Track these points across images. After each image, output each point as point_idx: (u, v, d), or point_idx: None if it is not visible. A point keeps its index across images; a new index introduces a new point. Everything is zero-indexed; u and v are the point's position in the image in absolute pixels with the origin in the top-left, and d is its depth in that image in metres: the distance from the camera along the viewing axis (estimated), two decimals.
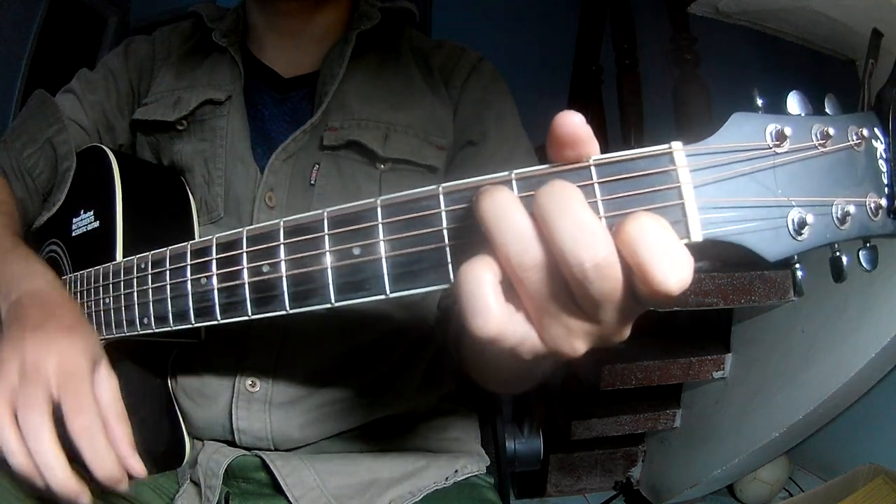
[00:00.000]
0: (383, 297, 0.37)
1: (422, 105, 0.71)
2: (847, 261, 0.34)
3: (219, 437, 0.67)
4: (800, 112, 0.33)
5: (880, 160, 0.35)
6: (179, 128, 0.70)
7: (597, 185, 0.32)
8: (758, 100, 0.32)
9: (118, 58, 0.78)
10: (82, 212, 0.65)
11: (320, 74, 0.70)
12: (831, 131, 0.32)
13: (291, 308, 0.41)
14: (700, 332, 1.64)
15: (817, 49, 1.27)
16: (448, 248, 0.35)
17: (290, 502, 0.62)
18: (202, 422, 0.66)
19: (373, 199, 0.37)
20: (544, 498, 1.72)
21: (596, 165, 0.32)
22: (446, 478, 0.69)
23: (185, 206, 0.68)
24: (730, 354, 1.52)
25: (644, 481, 1.75)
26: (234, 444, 0.66)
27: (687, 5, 1.33)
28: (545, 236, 0.30)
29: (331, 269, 0.38)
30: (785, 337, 1.39)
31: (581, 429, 1.59)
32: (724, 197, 0.31)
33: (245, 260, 0.43)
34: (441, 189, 0.35)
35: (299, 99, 0.72)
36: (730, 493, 1.63)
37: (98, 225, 0.63)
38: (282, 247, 0.41)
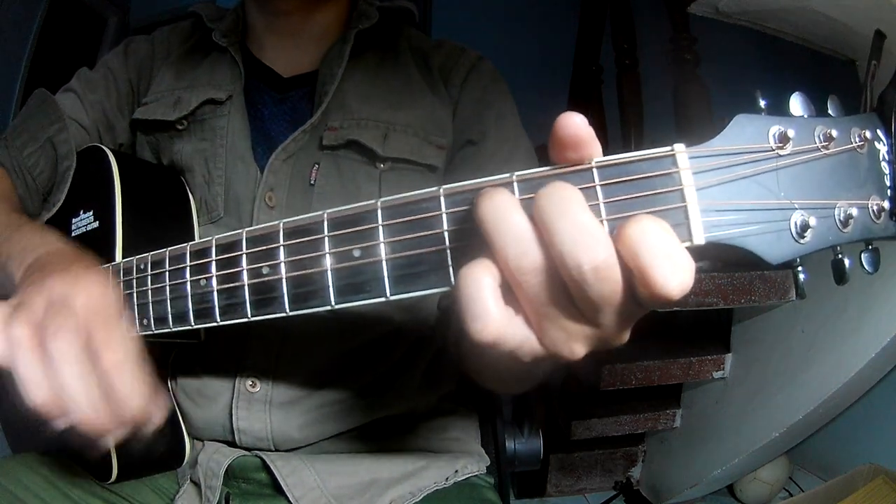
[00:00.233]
0: (383, 299, 0.36)
1: (421, 104, 0.71)
2: (849, 263, 0.34)
3: (219, 437, 0.66)
4: (803, 113, 0.33)
5: (883, 162, 0.34)
6: (179, 127, 0.70)
7: (599, 188, 0.31)
8: (760, 101, 0.32)
9: (118, 57, 0.78)
10: (82, 212, 0.65)
11: (319, 74, 0.70)
12: (834, 133, 0.32)
13: (291, 310, 0.40)
14: (700, 332, 1.64)
15: (817, 49, 1.27)
16: (449, 250, 0.34)
17: (291, 502, 0.62)
18: (202, 422, 0.66)
19: (373, 200, 0.37)
20: (544, 498, 1.72)
21: (598, 167, 0.31)
22: (446, 478, 0.69)
23: (184, 205, 0.68)
24: (730, 354, 1.52)
25: (644, 481, 1.75)
26: (234, 444, 0.66)
27: (687, 5, 1.33)
28: (544, 239, 0.29)
29: (331, 271, 0.38)
30: (785, 337, 1.39)
31: (581, 429, 1.59)
32: (727, 199, 0.31)
33: (245, 261, 0.42)
34: (442, 191, 0.35)
35: (299, 98, 0.72)
36: (730, 493, 1.64)
37: (97, 225, 0.63)
38: (281, 248, 0.40)
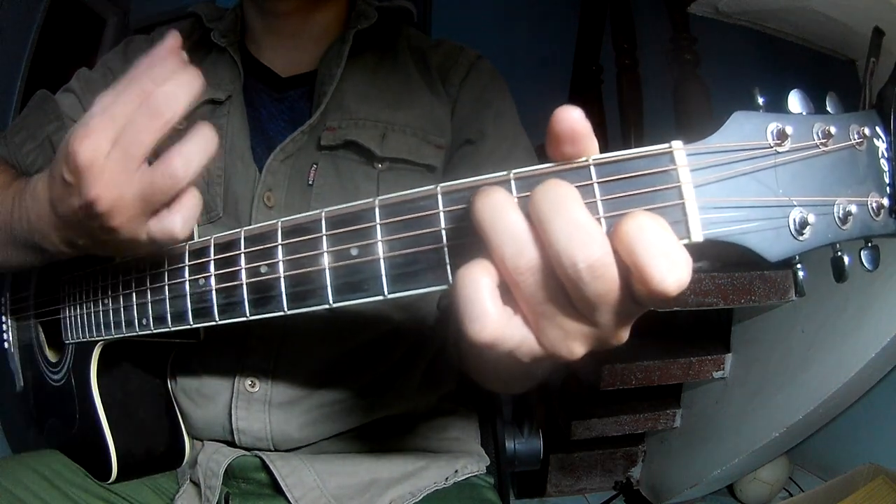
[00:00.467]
0: (381, 297, 0.36)
1: (420, 104, 0.71)
2: (849, 261, 0.34)
3: (218, 437, 0.66)
4: (801, 111, 0.33)
5: (882, 159, 0.34)
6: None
7: (596, 185, 0.31)
8: (759, 98, 0.32)
9: (118, 57, 0.78)
10: None
11: (318, 74, 0.70)
12: (833, 130, 0.32)
13: (289, 309, 0.40)
14: (700, 332, 1.64)
15: (817, 49, 1.27)
16: (446, 248, 0.34)
17: (290, 502, 0.62)
18: (202, 422, 0.66)
19: (371, 199, 0.37)
20: (544, 498, 1.72)
21: (595, 165, 0.31)
22: (446, 478, 0.69)
23: None
24: (730, 354, 1.52)
25: (644, 481, 1.75)
26: (233, 444, 0.66)
27: (687, 5, 1.33)
28: (540, 237, 0.29)
29: (329, 270, 0.38)
30: (785, 337, 1.39)
31: (581, 429, 1.59)
32: (725, 196, 0.31)
33: (243, 261, 0.42)
34: (439, 189, 0.34)
35: (297, 98, 0.72)
36: (730, 493, 1.63)
37: None
38: (280, 247, 0.40)
